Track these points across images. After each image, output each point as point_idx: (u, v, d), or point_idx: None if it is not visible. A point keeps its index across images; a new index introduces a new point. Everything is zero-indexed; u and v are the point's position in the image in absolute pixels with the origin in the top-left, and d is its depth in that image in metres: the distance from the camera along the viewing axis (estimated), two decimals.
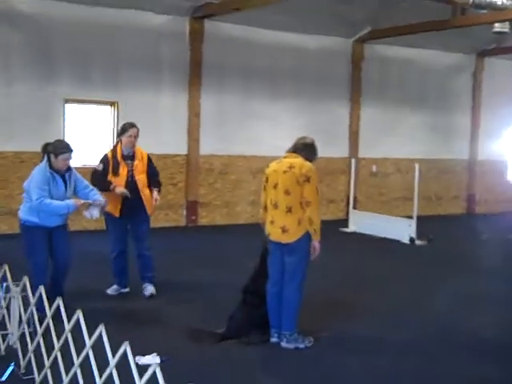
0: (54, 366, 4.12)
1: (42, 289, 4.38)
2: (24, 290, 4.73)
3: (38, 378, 4.34)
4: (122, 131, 7.07)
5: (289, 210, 5.56)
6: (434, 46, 15.09)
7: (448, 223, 14.67)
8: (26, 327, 4.65)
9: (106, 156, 7.12)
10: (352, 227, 12.73)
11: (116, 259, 7.22)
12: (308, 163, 5.63)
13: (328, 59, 13.96)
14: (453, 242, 12.03)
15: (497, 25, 12.13)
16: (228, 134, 12.94)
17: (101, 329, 3.42)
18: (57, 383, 4.12)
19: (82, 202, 6.20)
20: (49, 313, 4.20)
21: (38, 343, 4.34)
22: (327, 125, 13.96)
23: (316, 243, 5.57)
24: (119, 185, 6.91)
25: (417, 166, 11.47)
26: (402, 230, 11.63)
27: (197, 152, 12.66)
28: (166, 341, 5.64)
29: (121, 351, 3.21)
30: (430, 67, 15.47)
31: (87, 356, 3.59)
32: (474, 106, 16.36)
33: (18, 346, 4.83)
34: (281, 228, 5.59)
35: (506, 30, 12.21)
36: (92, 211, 6.31)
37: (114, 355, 3.29)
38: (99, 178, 6.95)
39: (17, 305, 4.81)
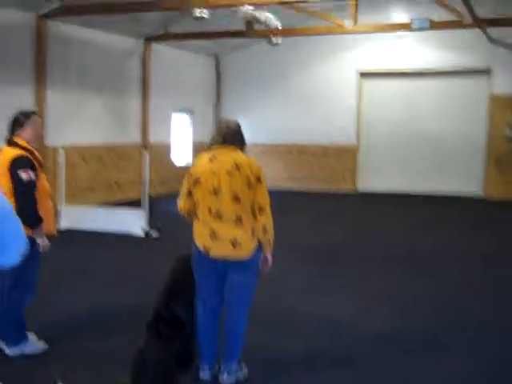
0: None
1: None
2: None
3: None
4: (21, 121, 5.04)
5: (239, 220, 4.56)
6: (111, 28, 14.61)
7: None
8: None
9: (27, 158, 4.90)
10: (65, 223, 11.51)
11: None
12: (254, 159, 4.70)
13: (7, 36, 12.14)
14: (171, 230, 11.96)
15: (198, 10, 12.06)
16: None
17: None
18: None
19: None
20: None
21: None
22: (10, 110, 12.19)
23: (269, 255, 4.72)
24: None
25: (146, 154, 11.15)
26: (131, 221, 11.08)
27: None
28: None
29: None
30: (107, 50, 14.92)
31: None
32: (143, 91, 16.38)
33: None
34: (231, 242, 4.55)
35: (205, 15, 12.22)
36: None
37: None
38: (34, 198, 4.89)
39: None
